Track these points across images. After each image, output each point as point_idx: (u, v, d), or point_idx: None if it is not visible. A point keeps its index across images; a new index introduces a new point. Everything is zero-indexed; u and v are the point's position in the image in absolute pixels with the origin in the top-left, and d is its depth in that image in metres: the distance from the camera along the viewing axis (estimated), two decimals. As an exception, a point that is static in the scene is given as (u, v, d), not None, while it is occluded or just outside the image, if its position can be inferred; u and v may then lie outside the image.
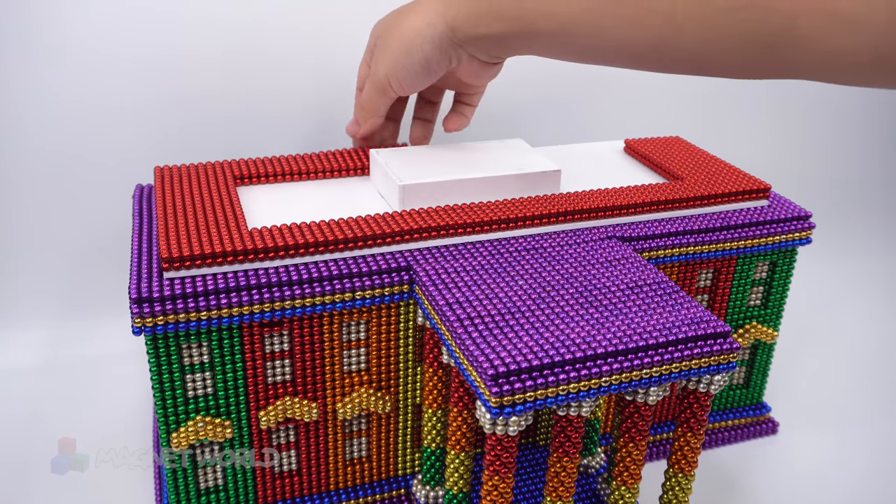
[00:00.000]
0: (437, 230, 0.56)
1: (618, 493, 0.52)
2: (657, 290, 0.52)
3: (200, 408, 0.53)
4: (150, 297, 0.49)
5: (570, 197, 0.62)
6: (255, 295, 0.50)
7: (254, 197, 0.63)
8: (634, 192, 0.63)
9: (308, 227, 0.55)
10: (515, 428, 0.44)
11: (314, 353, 0.54)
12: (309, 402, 0.55)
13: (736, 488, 0.67)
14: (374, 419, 0.59)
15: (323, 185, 0.66)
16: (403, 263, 0.54)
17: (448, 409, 0.52)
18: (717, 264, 0.65)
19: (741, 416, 0.73)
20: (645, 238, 0.61)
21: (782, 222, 0.65)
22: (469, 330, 0.46)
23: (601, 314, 0.48)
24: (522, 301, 0.49)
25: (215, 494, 0.57)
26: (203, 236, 0.53)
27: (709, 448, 0.71)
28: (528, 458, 0.63)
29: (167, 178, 0.62)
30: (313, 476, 0.59)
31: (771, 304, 0.68)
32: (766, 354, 0.71)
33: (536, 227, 0.59)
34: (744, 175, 0.69)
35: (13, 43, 0.75)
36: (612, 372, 0.44)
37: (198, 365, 0.52)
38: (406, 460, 0.61)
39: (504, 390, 0.42)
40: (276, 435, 0.57)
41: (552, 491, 0.48)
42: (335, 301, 0.53)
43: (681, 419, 0.51)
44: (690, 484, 0.53)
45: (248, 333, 0.52)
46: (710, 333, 0.47)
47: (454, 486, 0.52)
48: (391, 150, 0.65)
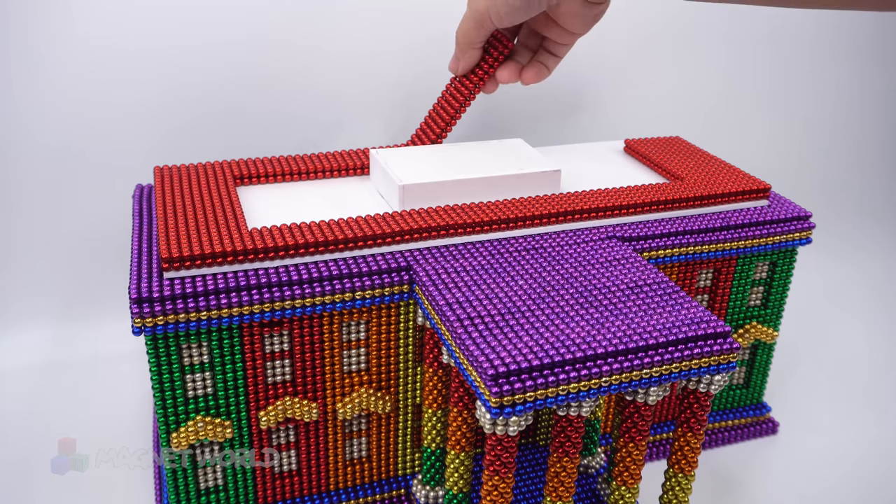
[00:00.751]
0: (437, 230, 0.56)
1: (618, 493, 0.52)
2: (657, 290, 0.52)
3: (200, 408, 0.53)
4: (150, 297, 0.49)
5: (570, 197, 0.62)
6: (255, 295, 0.50)
7: (254, 197, 0.63)
8: (634, 192, 0.63)
9: (308, 227, 0.55)
10: (515, 428, 0.44)
11: (314, 353, 0.54)
12: (309, 402, 0.55)
13: (736, 488, 0.67)
14: (374, 419, 0.59)
15: (323, 185, 0.66)
16: (403, 263, 0.54)
17: (448, 409, 0.52)
18: (717, 264, 0.65)
19: (741, 416, 0.73)
20: (645, 238, 0.61)
21: (782, 222, 0.65)
22: (469, 330, 0.46)
23: (601, 314, 0.48)
24: (522, 301, 0.49)
25: (215, 494, 0.57)
26: (203, 236, 0.53)
27: (709, 448, 0.71)
28: (528, 458, 0.63)
29: (167, 178, 0.62)
30: (313, 476, 0.59)
31: (771, 304, 0.68)
32: (766, 354, 0.71)
33: (536, 227, 0.59)
34: (744, 175, 0.69)
35: (14, 43, 0.75)
36: (612, 372, 0.44)
37: (198, 365, 0.52)
38: (406, 460, 0.61)
39: (504, 390, 0.42)
40: (276, 435, 0.57)
41: (552, 491, 0.48)
42: (335, 301, 0.53)
43: (681, 419, 0.51)
44: (690, 484, 0.53)
45: (248, 333, 0.52)
46: (710, 333, 0.47)
47: (454, 486, 0.52)
48: (391, 150, 0.65)
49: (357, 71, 0.86)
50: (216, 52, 0.81)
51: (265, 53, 0.83)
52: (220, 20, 0.80)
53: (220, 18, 0.80)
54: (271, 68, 0.83)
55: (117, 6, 0.77)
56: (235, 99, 0.83)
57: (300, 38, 0.83)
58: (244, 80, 0.83)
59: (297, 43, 0.84)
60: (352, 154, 0.69)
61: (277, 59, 0.83)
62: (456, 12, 0.65)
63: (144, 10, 0.78)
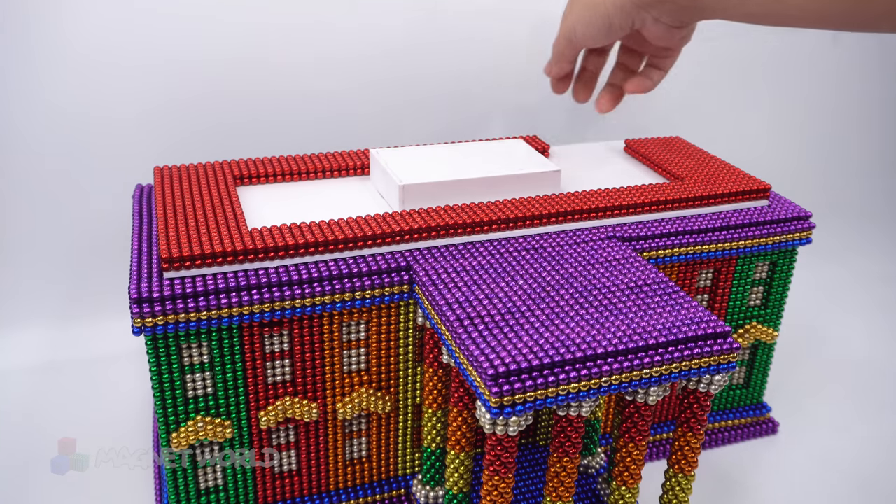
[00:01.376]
0: (437, 230, 0.56)
1: (618, 493, 0.52)
2: (657, 290, 0.52)
3: (200, 408, 0.53)
4: (150, 297, 0.49)
5: (570, 197, 0.62)
6: (255, 295, 0.50)
7: (254, 197, 0.63)
8: (634, 192, 0.63)
9: (308, 227, 0.55)
10: (515, 428, 0.44)
11: (314, 353, 0.54)
12: (309, 402, 0.55)
13: (736, 488, 0.67)
14: (374, 419, 0.59)
15: (323, 185, 0.66)
16: (403, 263, 0.54)
17: (448, 409, 0.52)
18: (717, 264, 0.65)
19: (741, 416, 0.73)
20: (645, 238, 0.61)
21: (782, 222, 0.65)
22: (469, 330, 0.46)
23: (601, 314, 0.48)
24: (522, 301, 0.49)
25: (215, 494, 0.57)
26: (203, 236, 0.53)
27: (709, 448, 0.71)
28: (528, 458, 0.63)
29: (167, 178, 0.62)
30: (313, 476, 0.59)
31: (771, 304, 0.68)
32: (766, 354, 0.71)
33: (536, 227, 0.59)
34: (744, 175, 0.69)
35: (15, 44, 0.75)
36: (612, 372, 0.44)
37: (198, 365, 0.52)
38: (406, 460, 0.61)
39: (504, 390, 0.42)
40: (276, 435, 0.57)
41: (552, 491, 0.48)
42: (335, 301, 0.52)
43: (681, 419, 0.51)
44: (690, 484, 0.53)
45: (248, 333, 0.52)
46: (710, 333, 0.47)
47: (454, 486, 0.52)
48: (391, 150, 0.65)
49: (357, 71, 0.86)
50: (216, 53, 0.81)
51: (265, 53, 0.83)
52: (221, 21, 0.80)
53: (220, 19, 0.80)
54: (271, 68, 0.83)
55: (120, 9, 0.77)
56: (236, 99, 0.83)
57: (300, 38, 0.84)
58: (244, 80, 0.83)
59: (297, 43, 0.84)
60: (352, 154, 0.69)
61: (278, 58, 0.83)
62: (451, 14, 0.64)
63: (144, 11, 0.78)
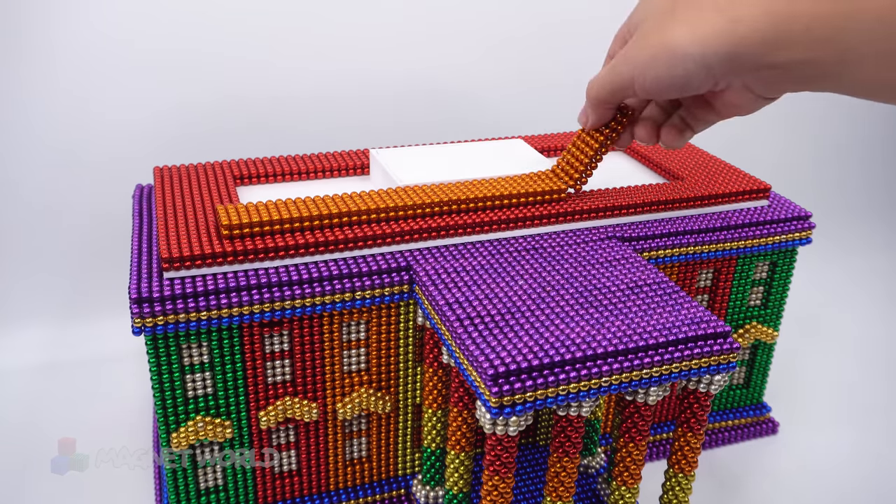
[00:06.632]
0: (437, 230, 0.56)
1: (618, 493, 0.52)
2: (657, 290, 0.52)
3: (200, 408, 0.53)
4: (150, 297, 0.49)
5: (570, 197, 0.62)
6: (255, 295, 0.50)
7: (254, 197, 0.63)
8: (634, 192, 0.63)
9: (308, 227, 0.55)
10: (515, 428, 0.44)
11: (314, 353, 0.54)
12: (309, 402, 0.55)
13: (736, 488, 0.67)
14: (374, 419, 0.59)
15: (323, 185, 0.66)
16: (403, 263, 0.54)
17: (448, 409, 0.52)
18: (717, 264, 0.65)
19: (741, 416, 0.73)
20: (645, 238, 0.61)
21: (782, 222, 0.65)
22: (469, 330, 0.46)
23: (601, 314, 0.48)
24: (522, 301, 0.49)
25: (215, 494, 0.57)
26: (203, 236, 0.53)
27: (709, 448, 0.71)
28: (528, 458, 0.63)
29: (167, 178, 0.62)
30: (313, 476, 0.59)
31: (771, 304, 0.68)
32: (766, 354, 0.71)
33: (536, 227, 0.59)
34: (744, 175, 0.69)
35: (17, 45, 0.75)
36: (612, 372, 0.44)
37: (198, 365, 0.52)
38: (406, 460, 0.61)
39: (504, 390, 0.42)
40: (276, 435, 0.57)
41: (552, 491, 0.48)
42: (335, 301, 0.52)
43: (681, 419, 0.51)
44: (690, 484, 0.53)
45: (248, 333, 0.52)
46: (710, 333, 0.47)
47: (454, 486, 0.52)
48: (391, 150, 0.65)
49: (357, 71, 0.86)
50: (216, 53, 0.81)
51: (265, 54, 0.83)
52: (221, 21, 0.80)
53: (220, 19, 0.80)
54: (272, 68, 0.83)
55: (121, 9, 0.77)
56: (236, 99, 0.83)
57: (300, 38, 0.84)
58: (244, 81, 0.83)
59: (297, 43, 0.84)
60: (352, 154, 0.69)
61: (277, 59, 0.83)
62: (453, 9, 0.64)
63: (145, 12, 0.78)
